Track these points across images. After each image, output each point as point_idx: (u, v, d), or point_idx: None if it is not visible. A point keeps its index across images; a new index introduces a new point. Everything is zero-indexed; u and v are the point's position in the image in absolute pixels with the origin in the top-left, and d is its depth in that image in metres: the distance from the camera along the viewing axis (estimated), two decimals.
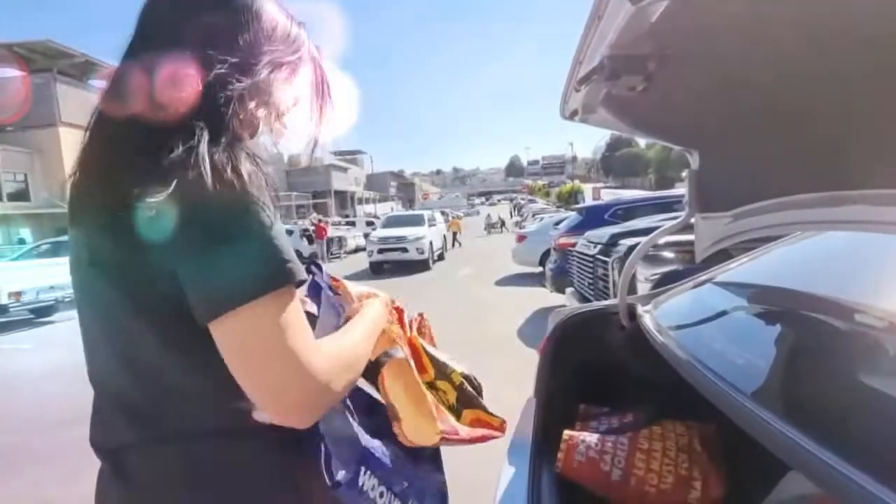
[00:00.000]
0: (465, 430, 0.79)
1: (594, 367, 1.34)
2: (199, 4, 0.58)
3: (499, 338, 4.87)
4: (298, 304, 0.54)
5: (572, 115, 1.05)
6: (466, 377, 0.87)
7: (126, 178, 0.51)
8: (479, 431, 0.83)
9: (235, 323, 0.49)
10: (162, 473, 0.57)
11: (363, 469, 0.66)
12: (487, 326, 5.25)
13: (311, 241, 15.89)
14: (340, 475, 0.63)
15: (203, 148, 0.50)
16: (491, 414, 0.87)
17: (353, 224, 22.14)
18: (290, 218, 27.18)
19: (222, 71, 0.54)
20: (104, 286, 0.56)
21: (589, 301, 4.16)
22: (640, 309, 1.28)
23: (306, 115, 0.68)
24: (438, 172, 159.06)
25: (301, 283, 0.53)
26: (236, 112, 0.55)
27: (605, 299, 3.73)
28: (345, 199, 43.00)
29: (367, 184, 54.26)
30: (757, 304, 1.18)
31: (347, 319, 0.70)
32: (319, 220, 17.87)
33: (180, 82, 0.53)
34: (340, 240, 17.32)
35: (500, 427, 0.87)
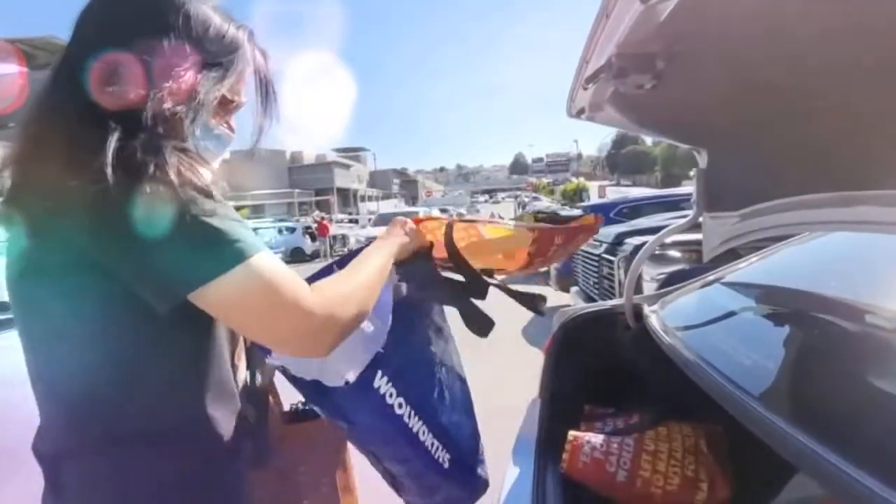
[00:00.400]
0: (559, 227, 0.89)
1: (599, 367, 1.33)
2: (127, 7, 0.59)
3: (502, 337, 4.86)
4: (271, 264, 0.55)
5: (579, 114, 1.05)
6: (539, 212, 0.95)
7: (50, 180, 0.52)
8: (574, 227, 0.91)
9: (206, 300, 0.53)
10: (87, 482, 0.57)
11: (379, 373, 0.67)
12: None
13: (313, 239, 15.93)
14: (350, 375, 0.65)
15: (111, 147, 0.51)
16: (575, 220, 0.94)
17: (355, 222, 22.15)
18: (293, 215, 27.22)
19: (143, 72, 0.55)
20: (32, 291, 0.56)
21: (594, 300, 4.15)
22: (646, 309, 1.27)
23: (251, 115, 0.70)
24: (442, 170, 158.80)
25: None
26: (154, 111, 0.55)
27: (611, 299, 3.71)
28: (347, 197, 43.04)
29: (370, 181, 54.25)
30: (765, 305, 1.18)
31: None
32: (322, 218, 17.91)
33: (101, 83, 0.54)
34: (343, 237, 17.34)
35: (594, 224, 0.95)
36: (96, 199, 0.49)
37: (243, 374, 0.74)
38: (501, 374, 3.87)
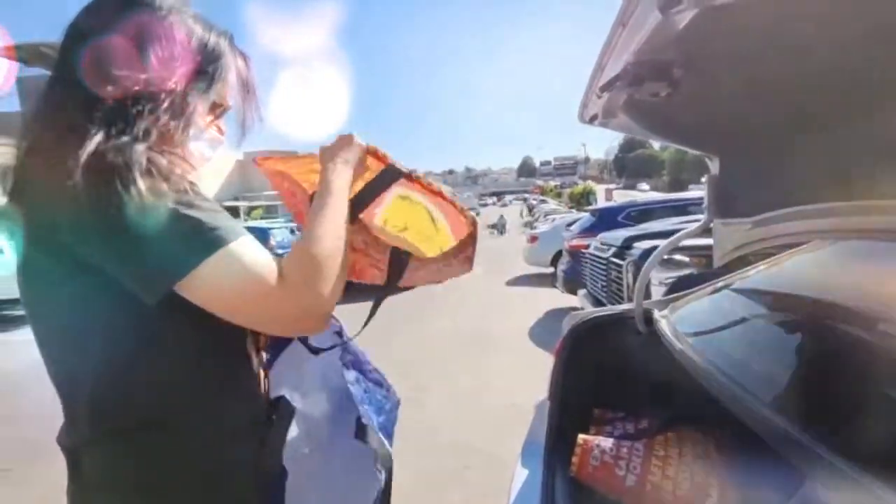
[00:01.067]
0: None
1: (609, 371, 1.33)
2: (112, 22, 0.60)
3: (510, 338, 4.87)
4: (251, 249, 0.56)
5: (592, 120, 1.05)
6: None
7: (40, 181, 0.54)
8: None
9: (191, 289, 0.54)
10: (101, 470, 0.59)
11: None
12: (500, 326, 5.24)
13: None
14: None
15: (86, 150, 0.52)
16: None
17: None
18: None
19: (132, 85, 0.57)
20: (34, 292, 0.58)
21: (602, 304, 4.14)
22: (656, 314, 1.27)
23: (235, 119, 0.73)
24: (451, 172, 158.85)
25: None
26: (148, 123, 0.58)
27: (619, 302, 3.70)
28: None
29: None
30: (776, 312, 1.17)
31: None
32: None
33: (89, 95, 0.56)
34: None
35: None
36: (71, 199, 0.51)
37: (259, 362, 0.75)
38: (508, 374, 3.87)
